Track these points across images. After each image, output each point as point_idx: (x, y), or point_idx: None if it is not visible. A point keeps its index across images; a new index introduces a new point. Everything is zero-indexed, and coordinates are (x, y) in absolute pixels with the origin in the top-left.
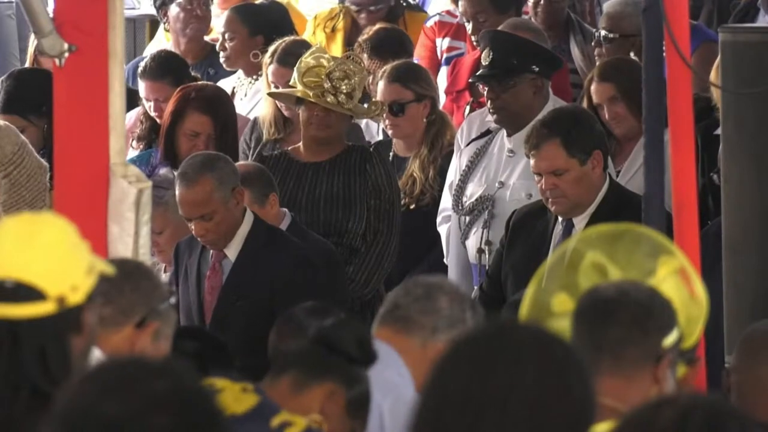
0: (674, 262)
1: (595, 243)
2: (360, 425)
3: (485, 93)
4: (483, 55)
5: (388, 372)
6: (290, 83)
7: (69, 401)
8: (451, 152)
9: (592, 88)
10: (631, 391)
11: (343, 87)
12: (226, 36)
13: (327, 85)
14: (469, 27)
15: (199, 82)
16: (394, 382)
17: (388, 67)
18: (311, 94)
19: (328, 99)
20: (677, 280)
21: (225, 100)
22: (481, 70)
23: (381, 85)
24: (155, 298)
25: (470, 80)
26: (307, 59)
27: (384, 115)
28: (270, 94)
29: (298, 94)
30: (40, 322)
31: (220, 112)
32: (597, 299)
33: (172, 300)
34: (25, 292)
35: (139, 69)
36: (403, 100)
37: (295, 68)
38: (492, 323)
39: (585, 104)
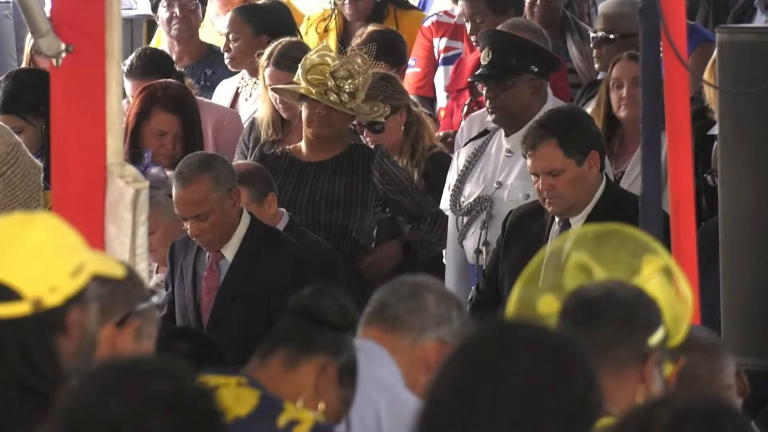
0: (659, 260)
1: (581, 243)
2: (350, 393)
3: (484, 92)
4: (482, 54)
5: (382, 371)
6: (294, 80)
7: (70, 401)
8: (435, 155)
9: (619, 63)
10: (619, 391)
11: (347, 86)
12: (231, 37)
13: (330, 83)
14: (468, 27)
15: (162, 80)
16: (389, 382)
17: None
18: (314, 92)
19: (331, 97)
20: (662, 278)
21: (190, 99)
22: (480, 70)
23: None
24: (135, 297)
25: (469, 79)
26: (312, 57)
27: (364, 132)
28: (274, 89)
29: (301, 91)
30: (18, 322)
31: (187, 111)
32: (582, 300)
33: (155, 299)
34: (1, 293)
35: (125, 68)
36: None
37: (299, 65)
38: (488, 323)
39: (602, 87)
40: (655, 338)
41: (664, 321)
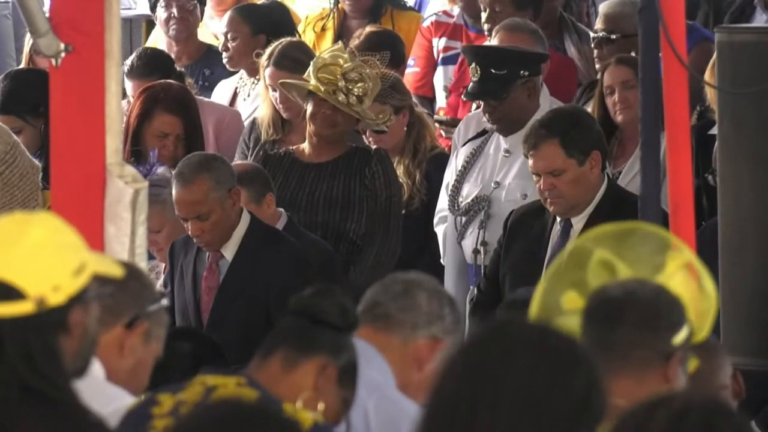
0: (681, 257)
1: (602, 241)
2: (350, 393)
3: (482, 107)
4: (471, 70)
5: (371, 371)
6: (304, 76)
7: (183, 422)
8: (436, 155)
9: (608, 70)
10: (641, 391)
11: (356, 89)
12: (229, 36)
13: (341, 83)
14: (484, 15)
15: (163, 81)
16: (377, 381)
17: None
18: (323, 89)
19: (339, 98)
20: (685, 274)
21: (191, 100)
22: (471, 86)
23: None
24: (144, 299)
25: (463, 98)
26: (324, 56)
27: (367, 133)
28: (282, 83)
29: (310, 88)
30: (21, 321)
31: (188, 112)
32: (604, 300)
33: (164, 302)
34: (4, 292)
35: (125, 68)
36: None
37: (311, 62)
38: (487, 324)
39: (596, 92)
40: (680, 337)
41: (688, 318)
